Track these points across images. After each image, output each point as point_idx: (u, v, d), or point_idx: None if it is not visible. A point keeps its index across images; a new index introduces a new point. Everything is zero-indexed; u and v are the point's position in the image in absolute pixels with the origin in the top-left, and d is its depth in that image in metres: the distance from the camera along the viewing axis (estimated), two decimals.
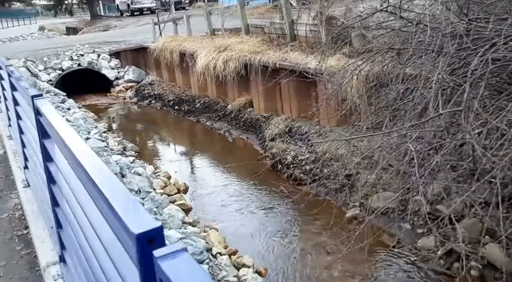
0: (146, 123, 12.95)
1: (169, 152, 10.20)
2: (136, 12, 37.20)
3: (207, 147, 10.08)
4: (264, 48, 10.65)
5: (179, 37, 15.75)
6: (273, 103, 10.19)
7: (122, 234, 1.20)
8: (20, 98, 3.90)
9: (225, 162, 8.90)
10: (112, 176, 1.50)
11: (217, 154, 9.54)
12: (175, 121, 12.43)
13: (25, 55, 16.90)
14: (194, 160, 9.38)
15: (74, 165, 1.78)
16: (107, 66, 17.27)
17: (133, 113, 14.05)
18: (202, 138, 10.79)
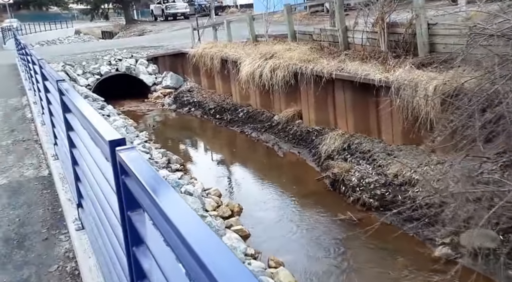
0: (187, 132, 12.40)
1: (215, 165, 9.56)
2: (170, 17, 37.14)
3: (256, 161, 9.40)
4: (315, 56, 9.93)
5: (219, 43, 15.21)
6: (325, 116, 9.45)
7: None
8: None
9: (278, 179, 8.21)
10: None
11: (268, 169, 8.84)
12: (218, 131, 11.82)
13: (64, 59, 16.70)
14: (244, 175, 8.71)
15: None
16: (145, 71, 16.90)
17: (173, 121, 13.54)
18: (249, 151, 10.12)
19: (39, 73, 5.89)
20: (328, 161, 8.10)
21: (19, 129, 7.32)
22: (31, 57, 6.34)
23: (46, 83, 4.68)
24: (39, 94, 6.28)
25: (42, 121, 6.42)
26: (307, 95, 9.75)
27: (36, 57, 5.18)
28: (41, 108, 6.42)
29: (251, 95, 12.16)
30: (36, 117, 7.11)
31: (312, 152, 8.77)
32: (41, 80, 5.09)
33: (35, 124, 7.36)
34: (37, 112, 7.21)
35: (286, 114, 10.47)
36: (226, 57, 12.97)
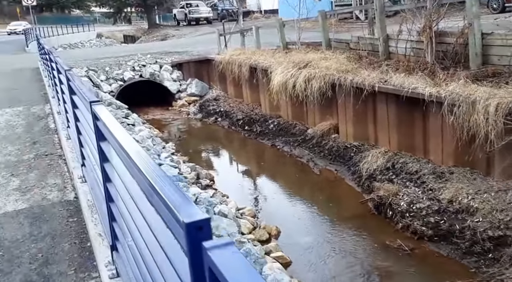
0: (214, 144, 11.85)
1: (246, 181, 8.96)
2: (192, 21, 36.91)
3: (290, 178, 8.78)
4: (354, 66, 9.31)
5: (246, 49, 14.69)
6: (365, 131, 8.81)
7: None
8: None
9: (315, 198, 7.60)
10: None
11: (304, 187, 8.21)
12: (247, 144, 11.25)
13: (87, 64, 16.38)
14: (278, 193, 8.09)
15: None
16: (169, 78, 16.46)
17: (199, 131, 13.03)
18: (281, 166, 9.49)
19: (65, 84, 5.42)
20: (370, 180, 7.45)
21: (41, 141, 6.87)
22: (56, 65, 5.86)
23: (75, 98, 4.18)
24: (64, 105, 5.81)
25: (67, 135, 5.95)
26: (345, 108, 9.13)
27: (62, 67, 4.66)
28: (66, 121, 5.94)
29: (282, 106, 11.59)
30: (60, 129, 6.64)
31: (351, 170, 8.13)
32: (68, 93, 4.60)
33: (58, 137, 6.90)
34: (61, 124, 6.75)
35: (321, 128, 9.85)
36: (256, 65, 12.43)
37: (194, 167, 8.82)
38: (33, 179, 5.19)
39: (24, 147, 6.64)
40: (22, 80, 13.25)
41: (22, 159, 6.03)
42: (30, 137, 7.14)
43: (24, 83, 12.70)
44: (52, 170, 5.47)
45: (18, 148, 6.56)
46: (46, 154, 6.20)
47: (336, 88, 9.11)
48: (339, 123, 9.51)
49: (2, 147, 6.61)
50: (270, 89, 11.14)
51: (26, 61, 18.57)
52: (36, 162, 5.87)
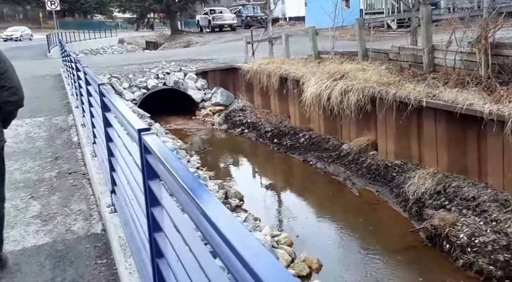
0: (242, 158, 11.28)
1: (278, 201, 8.30)
2: (216, 28, 36.61)
3: (326, 199, 8.11)
4: (395, 79, 8.64)
5: (275, 58, 14.13)
6: (407, 149, 8.13)
7: None
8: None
9: (357, 224, 6.92)
10: None
11: (343, 211, 7.53)
12: (277, 158, 10.63)
13: (110, 71, 16.04)
14: (315, 217, 7.42)
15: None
16: (193, 86, 16.00)
17: (225, 143, 12.47)
18: (316, 185, 8.83)
19: (95, 99, 4.86)
20: (419, 205, 6.77)
21: (64, 156, 6.37)
22: (85, 75, 5.36)
23: (108, 116, 3.64)
24: (92, 120, 5.29)
25: (92, 152, 5.42)
26: (385, 124, 8.46)
27: (94, 80, 4.13)
28: (92, 136, 5.42)
29: (314, 119, 10.97)
30: (84, 143, 6.13)
31: (395, 192, 7.44)
32: (99, 110, 4.07)
33: (82, 152, 6.40)
34: (86, 138, 6.25)
35: (357, 144, 9.19)
36: (286, 75, 11.85)
37: (221, 184, 8.24)
38: (55, 203, 4.67)
39: (45, 162, 6.15)
40: (44, 88, 12.90)
41: (43, 177, 5.53)
42: (52, 151, 6.66)
43: (46, 91, 12.34)
44: (76, 191, 4.95)
45: (39, 164, 6.07)
46: (69, 171, 5.69)
47: (376, 102, 8.47)
48: (378, 140, 8.84)
49: (21, 163, 6.13)
50: (302, 100, 10.55)
51: (48, 67, 18.33)
52: (58, 181, 5.36)
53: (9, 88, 3.17)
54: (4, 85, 3.15)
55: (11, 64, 3.28)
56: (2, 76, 3.13)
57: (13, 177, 5.57)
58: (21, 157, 6.43)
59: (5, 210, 3.56)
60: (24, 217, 4.35)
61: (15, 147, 6.91)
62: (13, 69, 3.28)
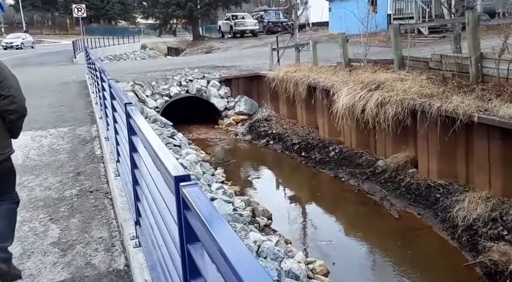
0: (268, 172, 10.75)
1: (311, 222, 7.66)
2: (238, 34, 36.31)
3: (363, 221, 7.47)
4: (438, 90, 8.04)
5: (302, 66, 13.62)
6: (453, 168, 7.50)
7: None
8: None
9: (402, 253, 6.29)
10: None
11: (384, 236, 6.84)
12: (305, 173, 10.08)
13: (133, 78, 15.76)
14: (353, 241, 6.79)
15: None
16: (216, 94, 15.58)
17: (249, 155, 11.98)
18: (350, 204, 8.22)
19: (118, 112, 4.50)
20: (471, 234, 6.14)
21: (86, 172, 5.97)
22: (110, 89, 4.95)
23: (134, 139, 3.19)
24: (116, 135, 4.87)
25: (116, 171, 4.99)
26: (427, 140, 7.85)
27: (120, 97, 3.66)
28: (116, 153, 4.99)
29: (345, 132, 10.41)
30: (107, 159, 5.71)
31: (440, 217, 6.81)
32: (126, 131, 3.62)
33: (105, 167, 5.99)
34: (109, 153, 5.83)
35: (395, 160, 8.59)
36: (315, 84, 11.33)
37: (248, 201, 7.74)
38: (75, 227, 4.24)
39: (67, 178, 5.75)
40: (69, 96, 12.63)
41: (63, 195, 5.13)
42: (74, 166, 6.27)
43: (70, 99, 12.06)
44: (97, 214, 4.51)
45: (60, 180, 5.68)
46: (90, 189, 5.27)
47: (418, 116, 7.87)
48: (418, 157, 8.23)
49: (43, 178, 5.76)
50: (333, 112, 10.01)
51: (73, 73, 18.18)
52: (79, 201, 4.94)
53: (6, 97, 3.17)
54: (2, 94, 3.16)
55: (11, 74, 3.29)
56: (0, 84, 3.15)
57: (33, 194, 5.20)
58: (43, 171, 6.06)
59: (23, 233, 3.73)
60: (42, 243, 3.93)
61: (37, 160, 6.58)
62: (14, 78, 3.29)
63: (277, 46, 15.55)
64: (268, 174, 10.63)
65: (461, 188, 7.10)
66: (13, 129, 3.32)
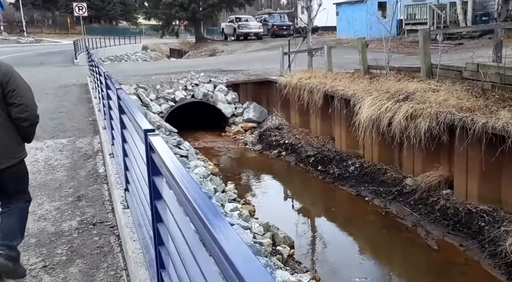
0: (282, 187, 9.93)
1: (339, 252, 6.75)
2: (241, 36, 35.55)
3: (399, 252, 6.60)
4: (480, 103, 7.26)
5: (317, 72, 12.85)
6: (496, 192, 6.72)
7: None
8: None
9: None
10: None
11: (425, 273, 5.90)
12: (324, 189, 9.28)
13: (136, 81, 15.02)
14: (390, 280, 6.03)
15: None
16: (223, 99, 14.82)
17: (261, 167, 11.17)
18: (382, 231, 7.20)
19: (129, 130, 3.73)
20: None
21: (88, 196, 5.18)
22: (119, 101, 4.15)
23: (157, 182, 2.42)
24: (124, 158, 4.10)
25: (124, 202, 4.19)
26: (467, 158, 7.07)
27: (139, 124, 2.82)
28: (125, 181, 4.20)
29: (366, 144, 9.63)
30: (112, 183, 4.91)
31: (489, 250, 6.00)
32: (140, 160, 2.85)
33: (109, 190, 5.20)
34: (115, 175, 5.04)
35: (426, 180, 7.80)
36: (333, 93, 10.55)
37: (267, 226, 6.94)
38: (73, 277, 3.43)
39: (66, 204, 4.96)
40: (69, 101, 11.82)
41: (61, 229, 4.33)
42: (74, 187, 5.47)
43: (71, 104, 11.24)
44: (103, 260, 3.70)
45: (57, 207, 4.89)
46: (93, 221, 4.48)
47: (457, 132, 7.09)
48: (454, 177, 7.45)
49: (37, 203, 4.95)
50: (355, 123, 9.24)
51: (74, 75, 17.37)
52: (80, 237, 4.14)
53: (18, 105, 3.22)
54: (14, 102, 3.21)
55: (24, 82, 3.32)
56: (12, 93, 3.20)
57: None
58: (38, 193, 5.26)
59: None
60: None
61: (31, 179, 5.69)
62: (27, 87, 3.33)
63: (288, 50, 14.74)
64: (282, 190, 9.82)
65: (510, 216, 6.31)
66: (26, 135, 3.40)
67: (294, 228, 7.46)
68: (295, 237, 6.92)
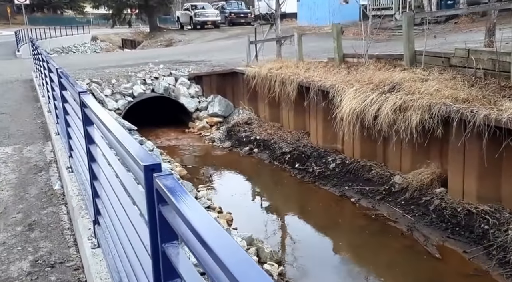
0: (259, 190, 9.07)
1: (332, 266, 5.98)
2: (198, 25, 34.21)
3: (401, 264, 5.90)
4: (477, 93, 6.72)
5: (287, 62, 12.10)
6: (498, 189, 6.25)
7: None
8: None
9: None
10: None
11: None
12: (305, 191, 8.56)
13: (89, 75, 13.76)
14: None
15: None
16: (186, 93, 13.84)
17: (233, 167, 10.34)
18: (375, 237, 6.41)
19: (100, 147, 2.83)
20: None
21: (42, 223, 4.18)
22: (83, 108, 3.20)
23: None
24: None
25: (94, 239, 3.26)
26: (463, 154, 6.55)
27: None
28: (94, 211, 3.27)
29: (346, 139, 9.00)
30: (74, 208, 3.93)
31: (498, 258, 5.45)
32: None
33: (69, 213, 4.23)
34: (77, 197, 4.07)
35: (417, 177, 7.25)
36: (308, 84, 9.82)
37: (250, 239, 6.15)
38: None
39: (12, 236, 3.96)
40: (13, 99, 10.46)
41: (8, 275, 3.35)
42: (24, 211, 4.45)
43: (15, 104, 9.91)
44: None
45: (2, 241, 3.88)
46: (51, 261, 3.52)
47: (454, 125, 6.51)
48: (449, 174, 6.92)
49: None
50: (335, 116, 8.60)
51: (17, 70, 15.77)
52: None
53: None
54: None
55: None
56: None
57: None
58: None
59: None
60: None
61: None
62: None
63: (255, 39, 13.89)
64: (259, 193, 8.98)
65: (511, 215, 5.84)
66: None
67: (279, 239, 6.73)
68: (281, 250, 6.20)
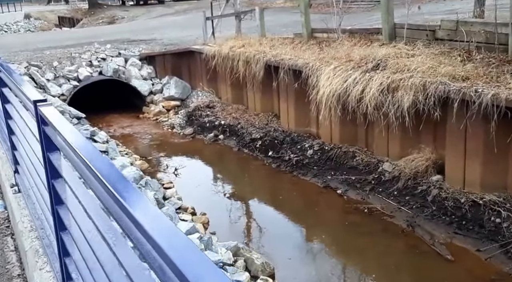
0: (231, 183, 8.02)
1: (334, 276, 5.29)
2: (141, 1, 32.12)
3: (409, 270, 5.16)
4: (477, 70, 6.02)
5: (248, 39, 11.04)
6: (503, 177, 5.64)
7: None
8: None
9: None
10: None
11: None
12: (283, 182, 7.65)
13: (26, 57, 12.15)
14: None
15: None
16: (138, 75, 12.53)
17: (199, 157, 9.29)
18: (376, 237, 5.59)
19: None
20: None
21: None
22: None
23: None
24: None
25: None
26: (465, 138, 5.87)
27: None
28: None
29: (322, 122, 8.12)
30: (28, 253, 2.79)
31: (508, 254, 4.86)
32: None
33: (17, 247, 3.08)
34: (31, 230, 2.91)
35: (410, 164, 6.53)
36: (277, 63, 8.86)
37: (236, 248, 5.22)
38: None
39: None
40: None
41: None
42: None
43: None
44: None
45: None
46: None
47: (455, 106, 5.78)
48: (446, 159, 6.25)
49: None
50: (312, 98, 7.75)
51: None
52: None
53: None
54: None
55: None
56: None
57: None
58: None
59: None
60: None
61: None
62: None
63: (211, 15, 12.67)
64: (234, 188, 7.84)
65: None
66: None
67: (266, 244, 5.81)
68: (271, 258, 5.29)
